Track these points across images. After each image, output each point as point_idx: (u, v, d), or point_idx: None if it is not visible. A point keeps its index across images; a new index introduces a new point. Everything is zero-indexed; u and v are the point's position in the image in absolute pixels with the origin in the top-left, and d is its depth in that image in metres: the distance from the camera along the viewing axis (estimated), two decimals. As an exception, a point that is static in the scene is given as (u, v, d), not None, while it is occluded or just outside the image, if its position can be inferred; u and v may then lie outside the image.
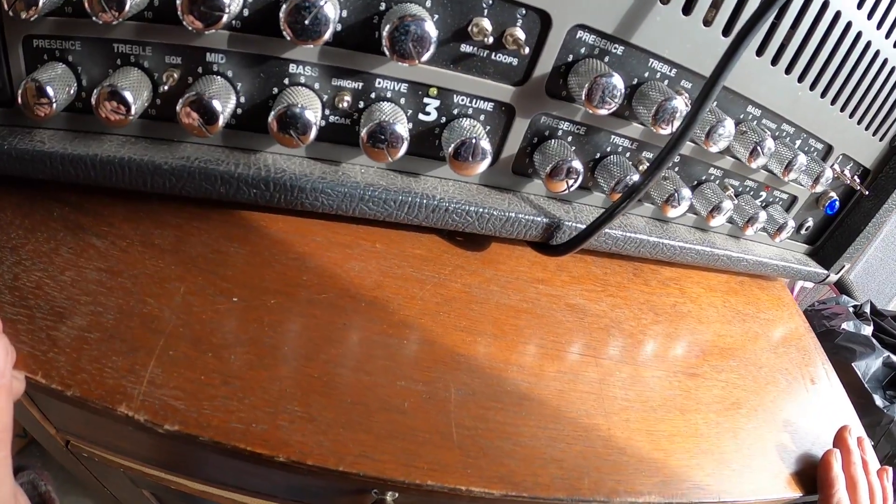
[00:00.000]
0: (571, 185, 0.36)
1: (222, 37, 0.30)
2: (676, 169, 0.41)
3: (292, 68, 0.31)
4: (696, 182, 0.42)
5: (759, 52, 0.36)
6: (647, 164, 0.37)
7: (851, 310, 1.03)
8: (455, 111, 0.34)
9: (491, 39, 0.31)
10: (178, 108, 0.31)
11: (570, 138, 0.37)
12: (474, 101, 0.34)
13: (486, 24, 0.31)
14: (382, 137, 0.32)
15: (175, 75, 0.31)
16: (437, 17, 0.30)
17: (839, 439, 0.43)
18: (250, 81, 0.32)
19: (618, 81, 0.32)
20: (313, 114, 0.31)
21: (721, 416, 0.40)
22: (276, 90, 0.32)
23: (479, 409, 0.32)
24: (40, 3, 0.26)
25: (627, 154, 0.39)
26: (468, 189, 0.36)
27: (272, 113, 0.31)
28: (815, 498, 0.41)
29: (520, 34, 0.31)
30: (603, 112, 0.33)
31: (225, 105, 0.31)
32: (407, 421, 0.31)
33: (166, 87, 0.31)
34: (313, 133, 0.32)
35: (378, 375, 0.32)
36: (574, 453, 0.33)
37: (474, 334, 0.35)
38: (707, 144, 0.37)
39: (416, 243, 0.39)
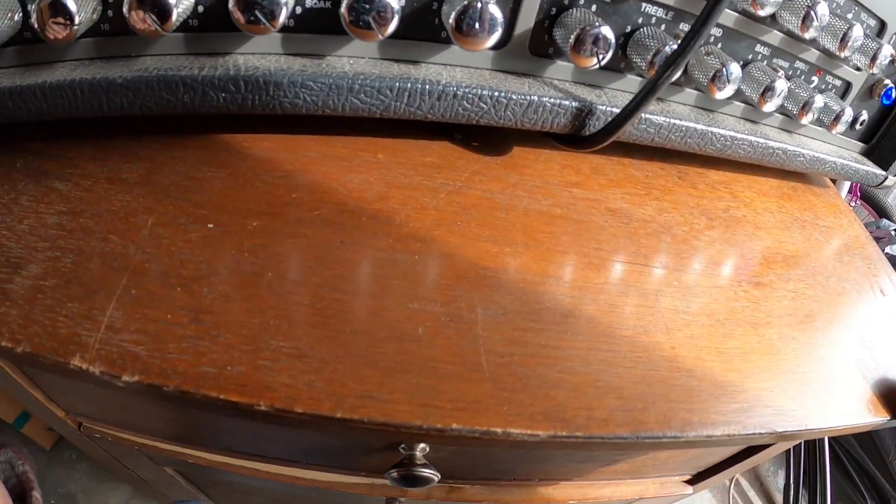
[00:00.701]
0: (602, 59, 0.24)
1: None
2: (720, 45, 0.29)
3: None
4: (741, 63, 0.30)
5: None
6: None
7: (894, 233, 0.87)
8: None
9: None
10: (124, 9, 0.21)
11: (593, 7, 0.25)
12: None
13: None
14: (367, 7, 0.21)
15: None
16: None
17: None
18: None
19: None
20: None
21: (796, 331, 0.28)
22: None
23: (514, 330, 0.22)
24: None
25: (662, 26, 0.27)
26: (479, 74, 0.25)
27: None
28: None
29: None
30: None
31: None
32: (423, 350, 0.21)
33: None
34: (283, 15, 0.22)
35: (385, 298, 0.22)
36: (635, 378, 0.22)
37: (501, 244, 0.25)
38: (755, 7, 0.25)
39: (425, 151, 0.28)
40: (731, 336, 0.26)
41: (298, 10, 0.23)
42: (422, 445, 0.31)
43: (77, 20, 0.21)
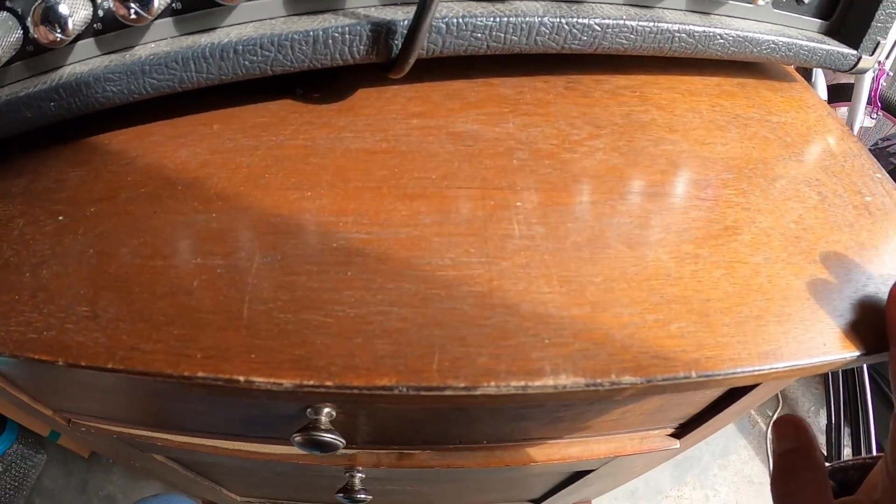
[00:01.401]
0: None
1: None
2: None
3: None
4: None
5: None
6: None
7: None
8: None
9: None
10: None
11: None
12: None
13: None
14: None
15: None
16: None
17: None
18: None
19: None
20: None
21: (703, 248, 0.21)
22: None
23: (287, 275, 0.19)
24: None
25: None
26: (271, 24, 0.22)
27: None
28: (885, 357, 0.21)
29: None
30: None
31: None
32: (192, 302, 0.19)
33: None
34: (73, 24, 0.21)
35: (172, 258, 0.20)
36: (422, 320, 0.18)
37: (303, 189, 0.22)
38: None
39: (260, 112, 0.25)
40: (592, 261, 0.20)
41: (100, 13, 0.22)
42: (327, 410, 0.28)
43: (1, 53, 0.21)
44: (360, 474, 0.36)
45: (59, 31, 0.21)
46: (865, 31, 0.29)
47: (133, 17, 0.21)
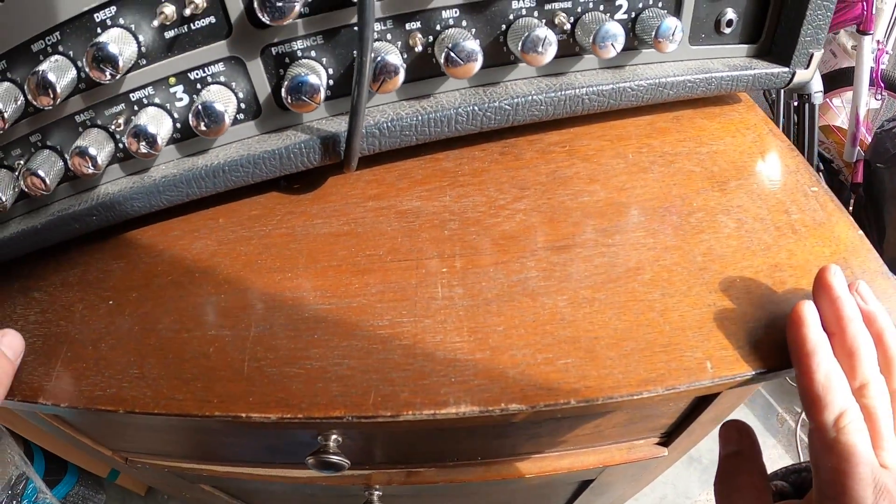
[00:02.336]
0: (318, 102, 0.32)
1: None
2: (464, 23, 0.33)
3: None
4: (504, 26, 0.34)
5: None
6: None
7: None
8: (198, 85, 0.33)
9: (176, 17, 0.30)
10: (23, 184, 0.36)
11: (313, 52, 0.33)
12: (207, 69, 0.33)
13: (169, 8, 0.30)
14: (149, 138, 0.33)
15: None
16: (132, 25, 0.31)
17: (818, 288, 0.29)
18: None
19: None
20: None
21: (600, 291, 0.31)
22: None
23: (273, 340, 0.31)
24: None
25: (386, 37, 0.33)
26: (247, 143, 0.35)
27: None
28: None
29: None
30: (283, 19, 0.29)
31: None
32: (209, 363, 0.31)
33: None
34: (103, 159, 0.35)
35: (195, 330, 0.33)
36: (364, 367, 0.29)
37: (284, 271, 0.34)
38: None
39: (252, 205, 0.38)
40: (498, 313, 0.30)
41: (120, 146, 0.36)
42: (334, 437, 0.41)
43: (50, 182, 0.36)
44: (377, 492, 0.49)
45: (90, 165, 0.34)
46: (795, 47, 0.37)
47: (144, 151, 0.34)
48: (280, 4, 0.29)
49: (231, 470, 0.49)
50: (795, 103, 1.00)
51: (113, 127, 0.35)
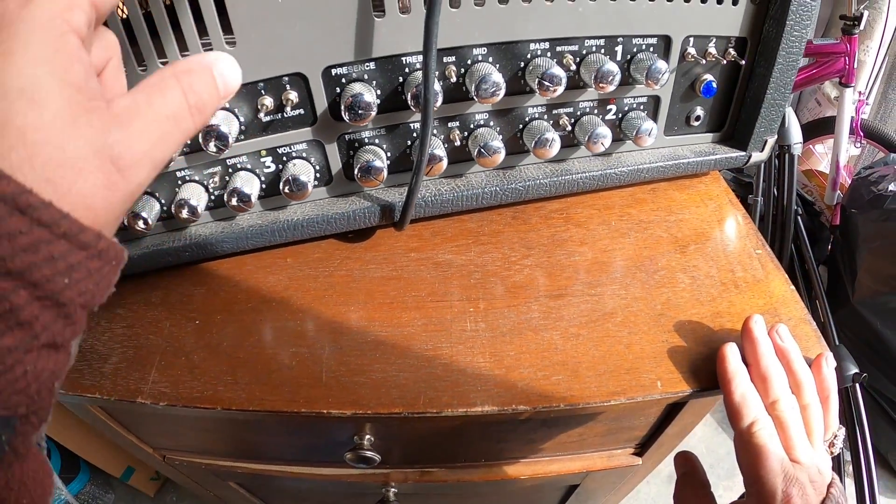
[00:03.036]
0: (382, 180, 0.49)
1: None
2: (492, 124, 0.51)
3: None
4: (521, 126, 0.51)
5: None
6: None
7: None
8: (284, 158, 0.50)
9: (274, 107, 0.47)
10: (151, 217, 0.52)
11: (376, 140, 0.50)
12: (293, 146, 0.50)
13: (268, 99, 0.47)
14: (246, 195, 0.50)
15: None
16: (235, 108, 0.47)
17: (743, 331, 0.45)
18: (158, 184, 0.53)
19: (367, 94, 0.45)
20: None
21: (584, 329, 0.48)
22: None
23: (345, 357, 0.48)
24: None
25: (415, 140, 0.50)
26: (320, 204, 0.52)
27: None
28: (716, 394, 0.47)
29: (292, 95, 0.47)
30: (361, 122, 0.46)
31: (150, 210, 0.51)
32: (293, 374, 0.48)
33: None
34: (202, 208, 0.51)
35: (279, 348, 0.50)
36: (415, 379, 0.46)
37: (348, 305, 0.51)
38: (483, 100, 0.47)
39: (315, 249, 0.55)
40: (510, 343, 0.48)
41: (212, 198, 0.52)
42: (367, 436, 0.58)
43: (151, 222, 0.52)
44: (393, 489, 0.66)
45: (191, 213, 0.51)
46: (751, 135, 0.56)
47: (237, 206, 0.51)
48: (361, 112, 0.46)
49: (265, 468, 0.66)
50: (777, 153, 1.20)
51: (208, 182, 0.51)
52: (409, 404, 0.45)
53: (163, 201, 0.52)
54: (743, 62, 0.51)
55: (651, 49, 0.50)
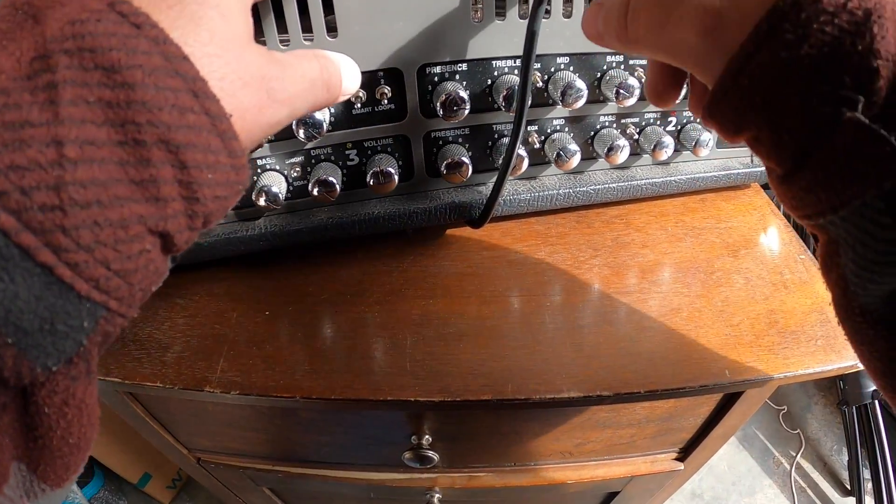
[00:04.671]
0: (466, 176, 0.52)
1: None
2: (567, 129, 0.54)
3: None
4: (592, 133, 0.55)
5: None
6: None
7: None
8: (369, 152, 0.52)
9: (366, 100, 0.49)
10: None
11: (460, 139, 0.52)
12: (378, 141, 0.52)
13: (362, 92, 0.49)
14: (332, 183, 0.51)
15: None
16: None
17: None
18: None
19: (462, 92, 0.48)
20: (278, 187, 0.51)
21: (655, 323, 0.51)
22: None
23: (428, 347, 0.49)
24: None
25: (504, 139, 0.53)
26: (399, 200, 0.54)
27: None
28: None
29: (386, 89, 0.49)
30: (454, 118, 0.48)
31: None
32: (375, 363, 0.49)
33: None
34: (274, 200, 0.52)
35: (358, 338, 0.51)
36: (501, 367, 0.48)
37: (427, 298, 0.52)
38: (567, 106, 0.50)
39: (386, 246, 0.57)
40: (589, 334, 0.50)
41: (291, 188, 0.54)
42: (426, 437, 0.58)
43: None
44: (437, 495, 0.66)
45: (272, 201, 0.52)
46: None
47: (318, 195, 0.52)
48: (456, 109, 0.48)
49: (307, 471, 0.65)
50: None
51: (289, 172, 0.52)
52: (497, 391, 0.46)
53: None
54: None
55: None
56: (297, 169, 0.52)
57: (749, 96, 0.23)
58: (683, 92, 0.36)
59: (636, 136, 0.56)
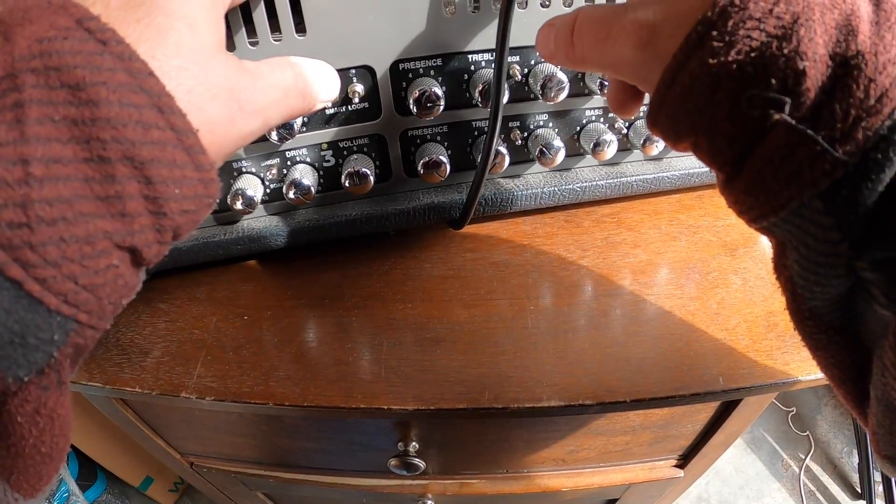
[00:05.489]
0: (445, 175, 0.49)
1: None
2: (550, 125, 0.51)
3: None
4: (578, 128, 0.52)
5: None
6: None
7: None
8: (345, 152, 0.50)
9: (339, 99, 0.47)
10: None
11: (438, 137, 0.50)
12: (354, 141, 0.50)
13: None
14: (307, 186, 0.50)
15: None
16: None
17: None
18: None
19: (436, 88, 0.46)
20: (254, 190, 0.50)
21: (644, 326, 0.48)
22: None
23: (404, 353, 0.47)
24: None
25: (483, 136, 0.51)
26: (378, 201, 0.52)
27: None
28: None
29: (358, 87, 0.47)
30: (429, 115, 0.46)
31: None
32: (350, 369, 0.47)
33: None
34: (258, 199, 0.51)
35: (332, 344, 0.49)
36: (478, 374, 0.46)
37: (406, 302, 0.50)
38: (548, 100, 0.47)
39: (367, 249, 0.55)
40: (573, 339, 0.48)
41: (268, 191, 0.52)
42: (413, 443, 0.56)
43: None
44: (430, 502, 0.64)
45: (247, 205, 0.50)
46: None
47: (296, 198, 0.51)
48: (430, 105, 0.46)
49: (298, 477, 0.64)
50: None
51: (265, 175, 0.51)
52: (473, 400, 0.44)
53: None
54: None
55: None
56: (273, 171, 0.51)
57: (682, 104, 0.23)
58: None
59: (625, 131, 0.53)
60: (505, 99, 0.46)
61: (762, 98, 0.21)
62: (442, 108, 0.47)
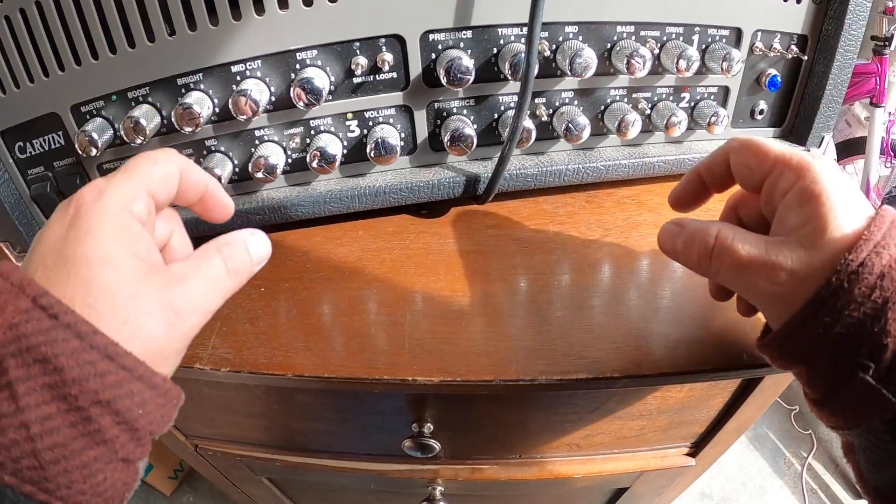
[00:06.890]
0: (471, 148, 0.49)
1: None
2: (576, 102, 0.51)
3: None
4: (602, 107, 0.52)
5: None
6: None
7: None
8: (370, 123, 0.49)
9: (367, 68, 0.46)
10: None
11: (464, 111, 0.50)
12: (380, 111, 0.49)
13: (363, 59, 0.46)
14: (329, 158, 0.48)
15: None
16: (326, 66, 0.47)
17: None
18: (235, 145, 0.51)
19: (466, 59, 0.45)
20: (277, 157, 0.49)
21: (668, 304, 0.48)
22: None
23: (428, 325, 0.46)
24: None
25: (509, 111, 0.51)
26: (402, 173, 0.51)
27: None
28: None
29: (388, 56, 0.46)
30: (458, 86, 0.46)
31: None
32: (372, 341, 0.46)
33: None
34: (279, 169, 0.50)
35: (354, 315, 0.48)
36: (505, 347, 0.44)
37: (428, 276, 0.49)
38: (575, 75, 0.47)
39: (388, 223, 0.54)
40: (598, 315, 0.47)
41: (290, 161, 0.51)
42: (427, 424, 0.55)
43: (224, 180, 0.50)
44: (440, 488, 0.62)
45: (269, 173, 0.49)
46: (810, 131, 0.57)
47: (318, 166, 0.50)
48: (460, 76, 0.46)
49: (306, 460, 0.62)
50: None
51: (287, 143, 0.50)
52: (500, 372, 0.43)
53: (236, 161, 0.50)
54: (805, 58, 0.53)
55: (724, 40, 0.52)
56: (297, 140, 0.50)
57: (794, 353, 0.32)
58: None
59: (648, 112, 0.53)
60: (535, 70, 0.45)
61: (853, 361, 0.29)
62: (472, 79, 0.46)
